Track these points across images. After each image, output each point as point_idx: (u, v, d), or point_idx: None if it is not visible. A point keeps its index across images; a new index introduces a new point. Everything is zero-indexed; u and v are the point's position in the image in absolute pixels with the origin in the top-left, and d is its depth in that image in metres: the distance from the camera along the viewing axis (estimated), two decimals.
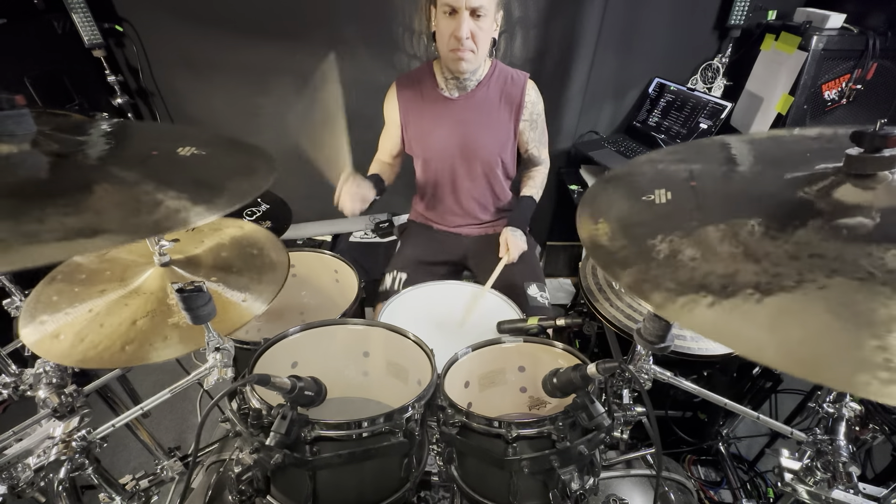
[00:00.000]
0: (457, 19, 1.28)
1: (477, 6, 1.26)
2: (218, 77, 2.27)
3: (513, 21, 2.12)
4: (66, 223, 0.51)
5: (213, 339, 0.83)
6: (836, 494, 0.78)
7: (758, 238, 0.54)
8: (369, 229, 2.61)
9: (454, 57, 1.34)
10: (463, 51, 1.31)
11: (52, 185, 0.58)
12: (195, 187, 0.63)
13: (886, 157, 0.54)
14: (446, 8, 1.28)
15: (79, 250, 0.49)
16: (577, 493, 0.78)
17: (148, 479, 1.18)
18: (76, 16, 1.99)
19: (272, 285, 1.00)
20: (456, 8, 1.26)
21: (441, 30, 1.33)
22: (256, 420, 0.76)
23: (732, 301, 0.48)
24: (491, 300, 1.33)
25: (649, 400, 0.77)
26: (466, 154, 1.52)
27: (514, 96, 1.47)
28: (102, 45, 2.10)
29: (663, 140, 2.24)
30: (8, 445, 0.82)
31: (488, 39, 1.35)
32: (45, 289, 0.95)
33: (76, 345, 0.84)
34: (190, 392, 1.01)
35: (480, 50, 1.34)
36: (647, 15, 2.17)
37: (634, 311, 1.18)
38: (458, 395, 0.89)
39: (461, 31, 1.27)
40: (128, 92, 2.29)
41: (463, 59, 1.33)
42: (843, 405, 0.86)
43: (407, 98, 1.50)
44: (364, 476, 0.81)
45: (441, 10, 1.29)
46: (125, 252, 1.04)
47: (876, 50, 1.82)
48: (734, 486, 1.55)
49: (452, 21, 1.29)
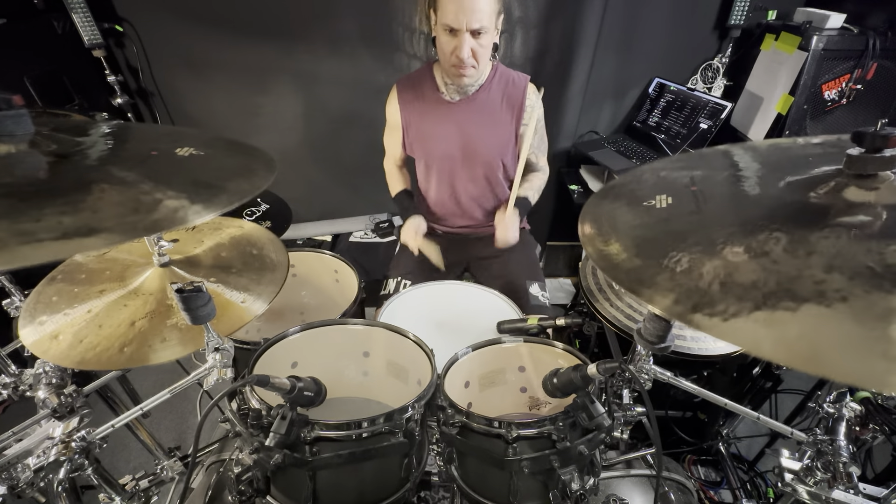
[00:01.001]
0: (458, 38, 1.26)
1: (477, 28, 1.24)
2: (218, 77, 2.27)
3: (513, 21, 2.12)
4: (63, 222, 0.51)
5: (213, 340, 0.83)
6: (837, 494, 0.78)
7: (782, 246, 0.51)
8: (369, 229, 2.61)
9: (455, 73, 1.34)
10: (465, 68, 1.31)
11: (49, 185, 0.58)
12: (193, 187, 0.63)
13: (887, 157, 0.54)
14: (447, 27, 1.26)
15: (75, 250, 0.49)
16: (577, 493, 0.78)
17: (148, 480, 1.18)
18: (76, 16, 1.99)
19: (272, 285, 1.00)
20: (456, 29, 1.25)
21: (442, 44, 1.32)
22: (256, 420, 0.76)
23: (786, 313, 0.45)
24: (491, 300, 1.33)
25: (649, 400, 0.77)
26: (468, 156, 1.52)
27: (515, 98, 1.47)
28: (102, 45, 2.10)
29: (663, 140, 2.24)
30: (8, 446, 0.82)
31: (489, 52, 1.34)
32: (45, 289, 0.95)
33: (75, 346, 0.84)
34: (190, 392, 1.01)
35: (482, 64, 1.34)
36: (647, 15, 2.17)
37: (634, 311, 1.18)
38: (458, 395, 0.89)
39: (462, 52, 1.27)
40: (128, 92, 2.29)
41: (465, 75, 1.34)
42: (844, 405, 0.86)
43: (408, 101, 1.50)
44: (364, 476, 0.81)
45: (441, 26, 1.28)
46: (125, 252, 1.04)
47: (876, 50, 1.82)
48: (734, 486, 1.55)
49: (453, 39, 1.28)
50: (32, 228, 0.49)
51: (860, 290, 0.45)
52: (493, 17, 1.27)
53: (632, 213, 0.69)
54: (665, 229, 0.63)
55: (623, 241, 0.63)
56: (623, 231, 0.66)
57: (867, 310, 0.43)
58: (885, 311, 0.43)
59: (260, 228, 1.16)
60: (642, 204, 0.69)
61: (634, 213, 0.69)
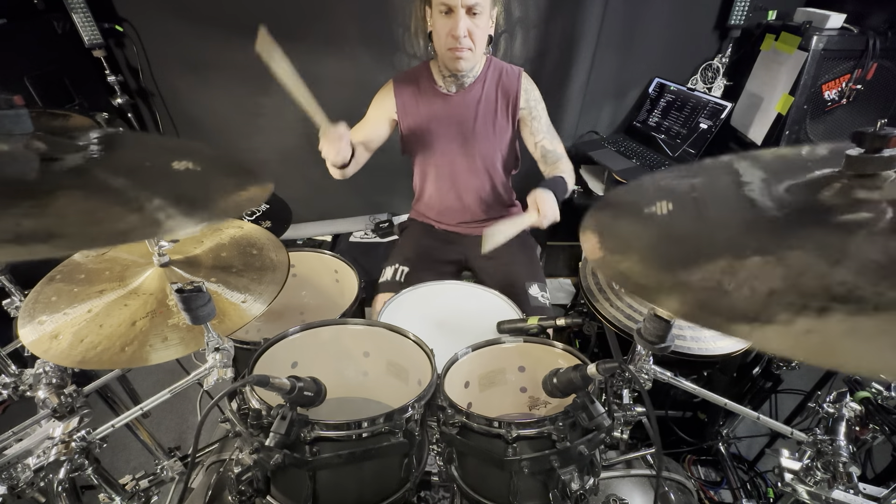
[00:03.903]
0: (453, 18, 1.29)
1: (473, 4, 1.27)
2: (218, 77, 2.26)
3: (513, 21, 2.12)
4: (21, 224, 0.49)
5: (213, 340, 0.83)
6: (836, 494, 0.78)
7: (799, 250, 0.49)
8: (369, 229, 2.61)
9: (452, 56, 1.35)
10: (461, 49, 1.32)
11: (32, 186, 0.55)
12: (176, 202, 0.59)
13: (886, 157, 0.54)
14: (442, 7, 1.29)
15: (28, 255, 0.46)
16: (577, 493, 0.78)
17: (148, 480, 1.18)
18: (76, 16, 1.99)
19: (272, 285, 1.00)
20: (452, 7, 1.27)
21: (438, 29, 1.34)
22: (256, 420, 0.76)
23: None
24: (491, 300, 1.33)
25: (649, 400, 0.77)
26: (467, 149, 1.53)
27: (510, 88, 1.49)
28: (102, 45, 2.10)
29: (663, 140, 2.24)
30: (8, 446, 0.82)
31: (485, 37, 1.37)
32: (44, 289, 0.95)
33: (75, 345, 0.84)
34: (190, 392, 1.01)
35: (478, 47, 1.35)
36: (647, 15, 2.17)
37: (634, 311, 1.18)
38: (458, 396, 0.89)
39: (458, 29, 1.28)
40: (128, 92, 2.29)
41: (461, 57, 1.34)
42: (844, 405, 0.86)
43: (405, 96, 1.50)
44: (364, 476, 0.81)
45: (437, 9, 1.30)
46: (124, 252, 1.04)
47: (876, 50, 1.82)
48: (734, 486, 1.55)
49: (449, 20, 1.30)
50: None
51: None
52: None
53: (640, 230, 0.66)
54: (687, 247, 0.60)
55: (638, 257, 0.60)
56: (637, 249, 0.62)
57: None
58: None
59: (260, 228, 1.17)
60: (644, 212, 0.67)
61: (648, 232, 0.65)
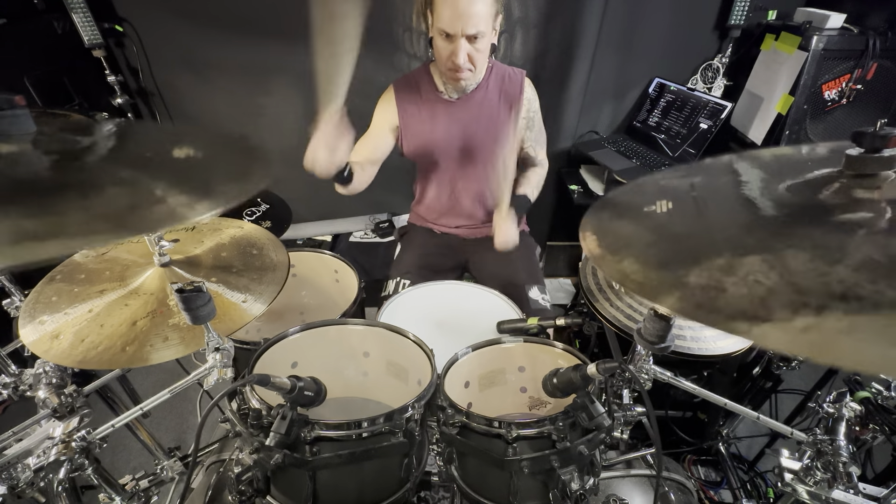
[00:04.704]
0: (454, 44, 1.25)
1: (474, 33, 1.23)
2: (218, 77, 2.27)
3: (513, 21, 2.12)
4: (22, 225, 0.47)
5: (213, 340, 0.83)
6: (836, 494, 0.78)
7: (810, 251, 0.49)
8: (369, 229, 2.61)
9: (452, 76, 1.34)
10: (461, 71, 1.31)
11: (45, 185, 0.55)
12: (188, 189, 0.59)
13: (886, 157, 0.54)
14: (442, 32, 1.25)
15: (28, 256, 0.45)
16: (577, 493, 0.78)
17: (148, 480, 1.18)
18: (76, 16, 2.00)
19: (272, 285, 1.00)
20: (452, 35, 1.24)
21: (438, 48, 1.30)
22: (256, 420, 0.76)
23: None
24: (491, 300, 1.33)
25: (649, 400, 0.77)
26: (467, 154, 1.52)
27: (512, 94, 1.47)
28: (102, 45, 2.10)
29: (663, 140, 2.24)
30: (8, 445, 0.82)
31: (486, 56, 1.33)
32: (45, 289, 0.95)
33: (76, 345, 0.84)
34: (190, 392, 1.01)
35: (479, 68, 1.33)
36: (647, 15, 2.17)
37: (634, 311, 1.18)
38: (458, 396, 0.89)
39: (459, 58, 1.26)
40: (128, 92, 2.29)
41: (462, 78, 1.33)
42: (844, 405, 0.86)
43: (406, 101, 1.49)
44: (364, 476, 0.81)
45: (437, 31, 1.26)
46: (125, 252, 1.04)
47: (876, 50, 1.82)
48: (734, 486, 1.55)
49: (449, 45, 1.26)
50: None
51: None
52: (489, 21, 1.26)
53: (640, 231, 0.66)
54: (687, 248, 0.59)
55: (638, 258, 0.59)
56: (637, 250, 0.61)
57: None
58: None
59: (260, 228, 1.17)
60: (644, 210, 0.67)
61: (648, 235, 0.65)
